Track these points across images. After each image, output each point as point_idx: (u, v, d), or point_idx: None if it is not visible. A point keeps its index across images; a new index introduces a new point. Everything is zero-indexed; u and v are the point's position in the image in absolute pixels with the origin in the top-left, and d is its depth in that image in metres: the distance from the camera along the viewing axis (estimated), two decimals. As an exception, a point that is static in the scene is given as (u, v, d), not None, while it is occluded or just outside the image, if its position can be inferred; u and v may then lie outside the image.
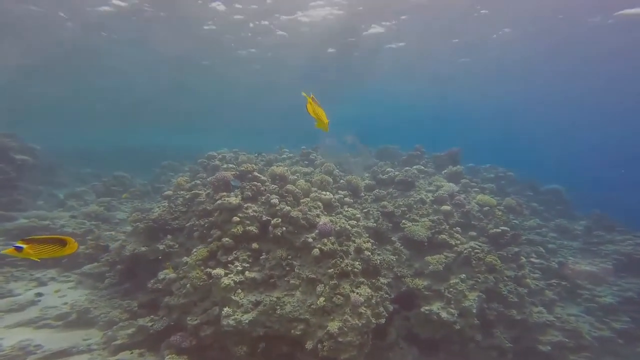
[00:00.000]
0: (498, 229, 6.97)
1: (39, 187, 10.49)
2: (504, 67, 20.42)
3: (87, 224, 7.76)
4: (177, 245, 6.24)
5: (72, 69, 20.09)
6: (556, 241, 8.98)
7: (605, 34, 15.14)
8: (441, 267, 6.35)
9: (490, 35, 16.65)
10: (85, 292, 5.68)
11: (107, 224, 8.25)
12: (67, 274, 6.29)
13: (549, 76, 21.89)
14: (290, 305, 5.06)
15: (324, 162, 9.38)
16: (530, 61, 19.28)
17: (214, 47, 17.64)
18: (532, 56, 18.56)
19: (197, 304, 5.01)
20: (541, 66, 20.16)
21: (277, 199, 6.10)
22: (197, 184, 7.56)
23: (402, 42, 17.48)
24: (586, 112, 33.79)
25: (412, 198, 7.94)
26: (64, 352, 4.33)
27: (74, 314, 5.05)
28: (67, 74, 20.93)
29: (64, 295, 5.57)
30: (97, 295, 5.50)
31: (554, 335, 6.08)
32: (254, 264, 5.56)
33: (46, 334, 4.72)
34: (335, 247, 5.52)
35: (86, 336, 4.75)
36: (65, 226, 7.41)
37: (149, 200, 10.76)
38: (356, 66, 20.33)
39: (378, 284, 5.40)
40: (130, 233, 6.19)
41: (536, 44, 17.03)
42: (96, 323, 5.01)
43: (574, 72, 20.54)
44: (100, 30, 14.99)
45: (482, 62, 19.72)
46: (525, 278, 6.51)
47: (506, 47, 17.42)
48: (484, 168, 12.43)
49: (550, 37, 16.02)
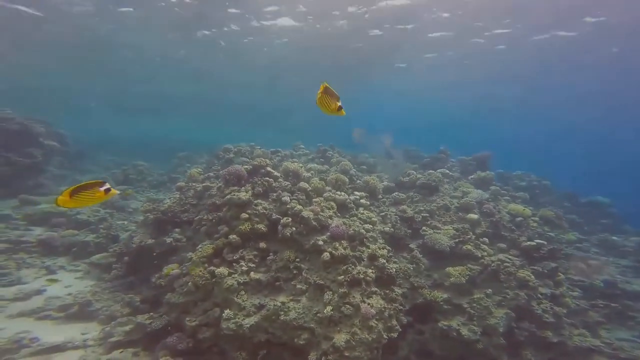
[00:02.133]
0: (532, 242, 6.23)
1: (65, 172, 10.94)
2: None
3: (101, 212, 7.90)
4: (185, 239, 6.09)
5: (103, 62, 21.05)
6: (600, 258, 7.99)
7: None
8: (464, 279, 5.74)
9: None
10: (91, 283, 5.66)
11: (121, 213, 8.35)
12: (76, 262, 6.34)
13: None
14: (295, 312, 4.71)
15: (340, 160, 8.97)
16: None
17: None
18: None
19: (197, 304, 4.79)
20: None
21: (288, 196, 5.78)
22: (210, 176, 7.43)
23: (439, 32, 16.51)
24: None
25: (435, 204, 7.34)
26: (58, 347, 4.24)
27: (75, 306, 5.00)
28: (98, 67, 21.98)
29: (69, 285, 5.58)
30: (101, 287, 5.45)
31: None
32: (260, 265, 5.27)
33: (46, 325, 4.69)
34: (347, 252, 5.10)
35: (85, 330, 4.67)
36: (80, 213, 7.57)
37: (165, 191, 10.88)
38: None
39: (392, 296, 4.92)
40: (140, 224, 6.13)
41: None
42: (97, 317, 4.93)
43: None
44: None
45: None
46: (563, 297, 5.74)
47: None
48: (516, 175, 11.47)
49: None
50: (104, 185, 2.29)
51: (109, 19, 15.09)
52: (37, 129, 9.67)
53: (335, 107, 2.30)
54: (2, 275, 5.74)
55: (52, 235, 6.68)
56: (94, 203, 2.38)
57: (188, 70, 22.83)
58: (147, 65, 21.88)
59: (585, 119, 33.15)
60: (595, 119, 32.02)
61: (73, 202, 2.25)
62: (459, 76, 22.25)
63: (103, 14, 14.52)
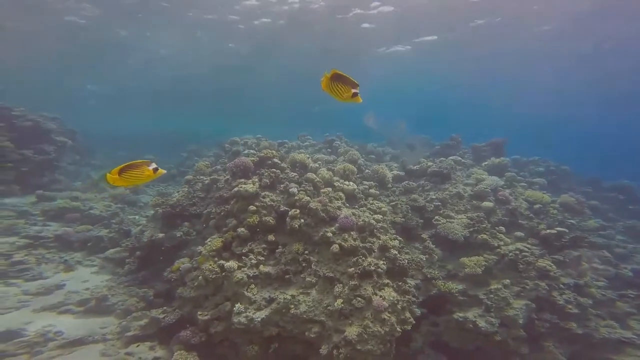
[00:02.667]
0: (553, 230, 5.92)
1: (78, 167, 11.14)
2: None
3: (113, 207, 8.02)
4: (195, 232, 6.09)
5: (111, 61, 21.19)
6: (627, 245, 7.58)
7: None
8: (480, 270, 5.53)
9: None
10: (106, 278, 5.77)
11: (133, 207, 8.46)
12: (91, 257, 6.48)
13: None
14: (305, 305, 4.64)
15: (348, 150, 8.76)
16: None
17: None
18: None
19: (208, 298, 4.78)
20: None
21: (296, 188, 5.65)
22: (217, 169, 7.38)
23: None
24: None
25: (448, 192, 7.07)
26: (81, 340, 4.36)
27: (93, 300, 5.10)
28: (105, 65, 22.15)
29: (86, 280, 5.70)
30: (116, 282, 5.54)
31: (636, 357, 4.97)
32: (269, 258, 5.21)
33: (68, 319, 4.82)
34: (356, 244, 4.96)
35: (103, 324, 4.76)
36: (93, 208, 7.71)
37: (174, 184, 10.96)
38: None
39: (405, 287, 4.78)
40: (150, 218, 6.17)
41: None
42: (114, 311, 5.03)
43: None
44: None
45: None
46: (588, 287, 5.46)
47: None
48: (532, 161, 10.95)
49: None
50: (151, 165, 2.31)
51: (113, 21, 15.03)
52: (49, 126, 9.84)
53: (349, 94, 2.19)
54: (24, 270, 5.92)
55: (68, 230, 6.83)
56: (142, 182, 2.38)
57: (184, 62, 22.70)
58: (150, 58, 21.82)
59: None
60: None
61: (122, 180, 2.27)
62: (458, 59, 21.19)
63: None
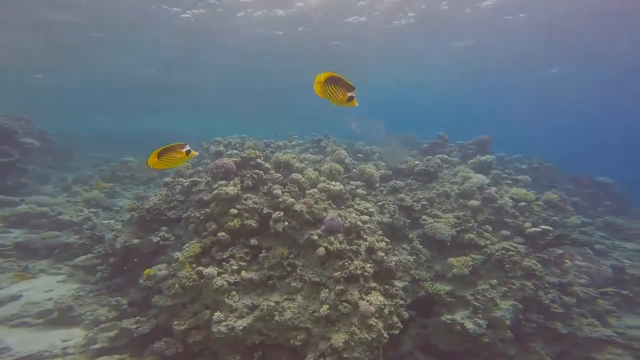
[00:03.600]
0: (538, 228, 5.94)
1: (49, 170, 10.47)
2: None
3: (85, 212, 7.51)
4: (173, 237, 5.78)
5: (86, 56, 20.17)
6: (606, 241, 7.74)
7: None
8: (467, 270, 5.48)
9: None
10: (74, 287, 5.36)
11: (108, 212, 7.97)
12: (58, 265, 6.03)
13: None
14: (290, 312, 4.45)
15: (335, 149, 8.60)
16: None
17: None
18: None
19: (186, 306, 4.51)
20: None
21: (280, 189, 5.43)
22: (198, 170, 7.06)
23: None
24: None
25: (435, 191, 7.02)
26: (33, 356, 3.95)
27: (56, 311, 4.70)
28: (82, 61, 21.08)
29: (50, 289, 5.27)
30: (85, 291, 5.15)
31: (616, 355, 5.03)
32: (251, 263, 4.98)
33: (21, 333, 4.36)
34: (343, 247, 4.79)
35: (66, 337, 4.38)
36: (63, 213, 7.18)
37: (155, 187, 10.50)
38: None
39: (392, 291, 4.65)
40: (125, 223, 5.81)
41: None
42: (80, 322, 4.64)
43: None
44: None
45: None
46: (572, 285, 5.50)
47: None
48: (516, 158, 11.11)
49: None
50: (185, 147, 2.39)
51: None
52: (11, 127, 9.13)
53: (345, 97, 2.06)
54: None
55: (32, 237, 6.34)
56: (177, 164, 2.50)
57: (176, 58, 21.94)
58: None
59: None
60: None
61: (161, 163, 2.34)
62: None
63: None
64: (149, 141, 20.13)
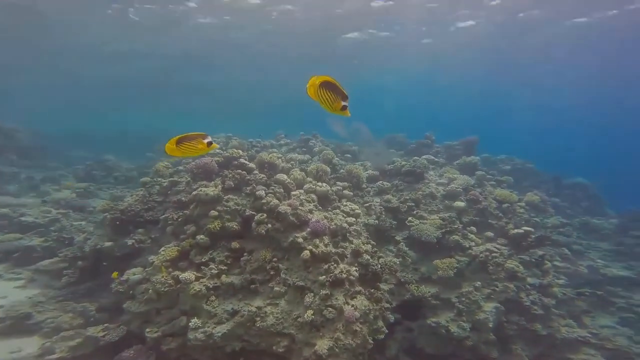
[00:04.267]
0: (520, 230, 6.02)
1: (15, 169, 9.76)
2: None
3: (53, 213, 6.99)
4: (150, 240, 5.48)
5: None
6: (582, 242, 7.98)
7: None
8: (452, 272, 5.48)
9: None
10: (34, 292, 4.96)
11: (80, 213, 7.48)
12: (17, 270, 5.56)
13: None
14: (273, 317, 4.29)
15: (323, 149, 8.46)
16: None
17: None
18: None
19: (160, 313, 4.27)
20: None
21: (263, 190, 5.24)
22: (179, 170, 6.75)
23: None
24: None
25: (421, 192, 6.99)
26: None
27: (8, 320, 4.29)
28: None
29: (4, 296, 4.82)
30: (47, 297, 4.77)
31: (590, 355, 5.15)
32: (233, 267, 4.78)
33: None
34: (328, 250, 4.67)
35: (18, 348, 3.98)
36: (26, 214, 6.64)
37: (133, 187, 10.02)
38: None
39: (377, 295, 4.57)
40: (97, 225, 5.46)
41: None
42: (38, 331, 4.27)
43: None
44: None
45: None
46: (551, 287, 5.60)
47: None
48: (500, 159, 11.33)
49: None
50: (207, 138, 2.31)
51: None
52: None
53: (339, 105, 1.96)
54: None
55: (-13, 240, 5.84)
56: (196, 154, 2.40)
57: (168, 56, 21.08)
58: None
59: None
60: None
61: (179, 151, 2.27)
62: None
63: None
64: (137, 139, 19.30)
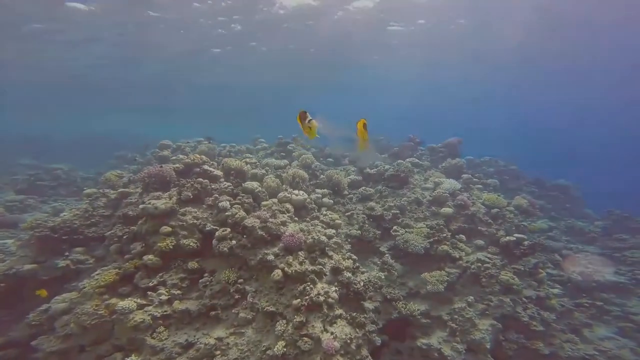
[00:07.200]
0: (512, 237, 5.60)
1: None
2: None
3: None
4: (92, 260, 4.62)
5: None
6: (571, 246, 7.73)
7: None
8: (442, 287, 4.95)
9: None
10: None
11: (8, 230, 6.38)
12: None
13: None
14: (236, 350, 3.59)
15: (302, 153, 7.86)
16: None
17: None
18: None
19: (86, 350, 3.45)
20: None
21: (228, 201, 4.54)
22: (134, 179, 5.92)
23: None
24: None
25: (406, 198, 6.50)
26: None
27: None
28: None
29: None
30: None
31: None
32: (190, 290, 4.03)
33: None
34: (304, 268, 4.02)
35: None
36: None
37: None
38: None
39: (360, 320, 3.94)
40: (21, 244, 4.56)
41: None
42: None
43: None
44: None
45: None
46: (549, 299, 5.17)
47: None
48: (484, 161, 11.09)
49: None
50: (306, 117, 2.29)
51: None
52: None
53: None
54: None
55: None
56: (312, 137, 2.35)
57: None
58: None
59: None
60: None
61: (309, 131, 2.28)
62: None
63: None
64: (99, 146, 17.84)
